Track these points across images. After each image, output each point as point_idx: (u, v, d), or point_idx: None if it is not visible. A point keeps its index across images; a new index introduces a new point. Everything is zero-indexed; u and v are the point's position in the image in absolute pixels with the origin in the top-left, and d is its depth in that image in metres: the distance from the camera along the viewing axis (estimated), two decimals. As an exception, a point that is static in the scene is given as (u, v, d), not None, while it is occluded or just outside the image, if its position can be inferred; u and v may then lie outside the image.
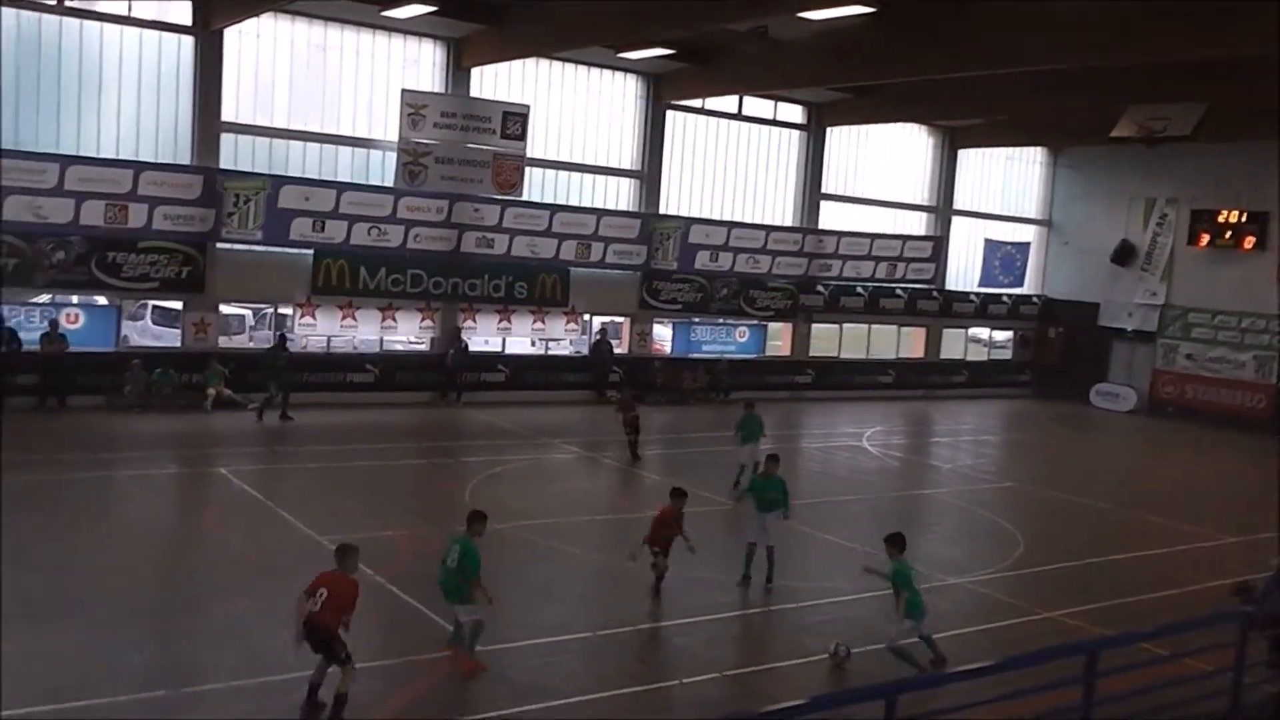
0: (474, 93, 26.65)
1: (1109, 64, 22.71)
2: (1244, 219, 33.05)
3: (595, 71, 28.64)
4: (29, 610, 10.87)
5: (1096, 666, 6.84)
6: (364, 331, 26.20)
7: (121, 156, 22.84)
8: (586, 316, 29.32)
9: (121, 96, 22.95)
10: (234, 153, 24.22)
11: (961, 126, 34.87)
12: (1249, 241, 32.99)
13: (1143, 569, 16.15)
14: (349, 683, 9.03)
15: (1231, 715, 7.65)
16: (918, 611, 11.10)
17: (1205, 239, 33.91)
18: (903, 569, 11.30)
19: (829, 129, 32.78)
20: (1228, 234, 33.45)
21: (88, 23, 22.32)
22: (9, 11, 21.42)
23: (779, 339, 33.52)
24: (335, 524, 14.60)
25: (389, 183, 25.69)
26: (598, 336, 29.32)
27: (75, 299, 23.75)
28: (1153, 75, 24.42)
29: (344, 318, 25.68)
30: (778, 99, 31.81)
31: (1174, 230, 34.79)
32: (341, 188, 25.07)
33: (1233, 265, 33.34)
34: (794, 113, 32.50)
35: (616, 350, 29.81)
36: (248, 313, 27.16)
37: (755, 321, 32.23)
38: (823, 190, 33.20)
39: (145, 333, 26.04)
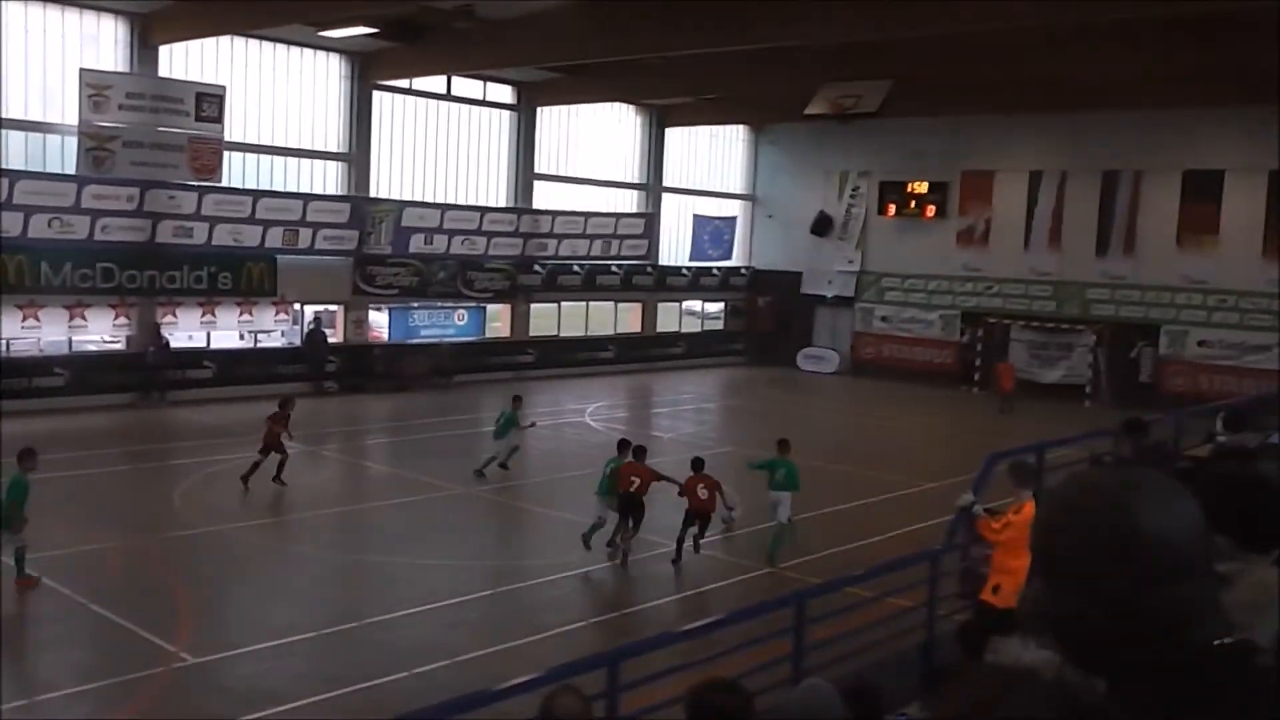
0: (163, 72, 25.17)
1: (804, 44, 23.98)
2: (927, 190, 35.73)
3: (296, 50, 27.66)
4: None
5: (805, 615, 7.30)
6: (49, 332, 24.34)
7: None
8: (298, 306, 28.38)
9: None
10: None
11: (668, 105, 35.88)
12: (930, 210, 35.71)
13: (855, 518, 17.31)
14: None
15: (928, 645, 8.36)
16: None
17: (893, 209, 36.42)
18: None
19: (539, 109, 33.02)
20: (913, 204, 36.07)
21: None
22: None
23: (499, 320, 33.57)
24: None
25: (71, 170, 23.93)
26: (311, 326, 28.48)
27: None
28: (844, 54, 25.96)
29: (25, 318, 23.75)
30: (487, 79, 31.76)
31: (866, 201, 37.16)
32: (15, 176, 23.14)
33: (919, 232, 35.96)
34: (504, 93, 32.56)
35: (331, 339, 29.05)
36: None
37: (474, 304, 32.12)
38: (536, 170, 33.45)
39: None
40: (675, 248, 38.05)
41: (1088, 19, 20.02)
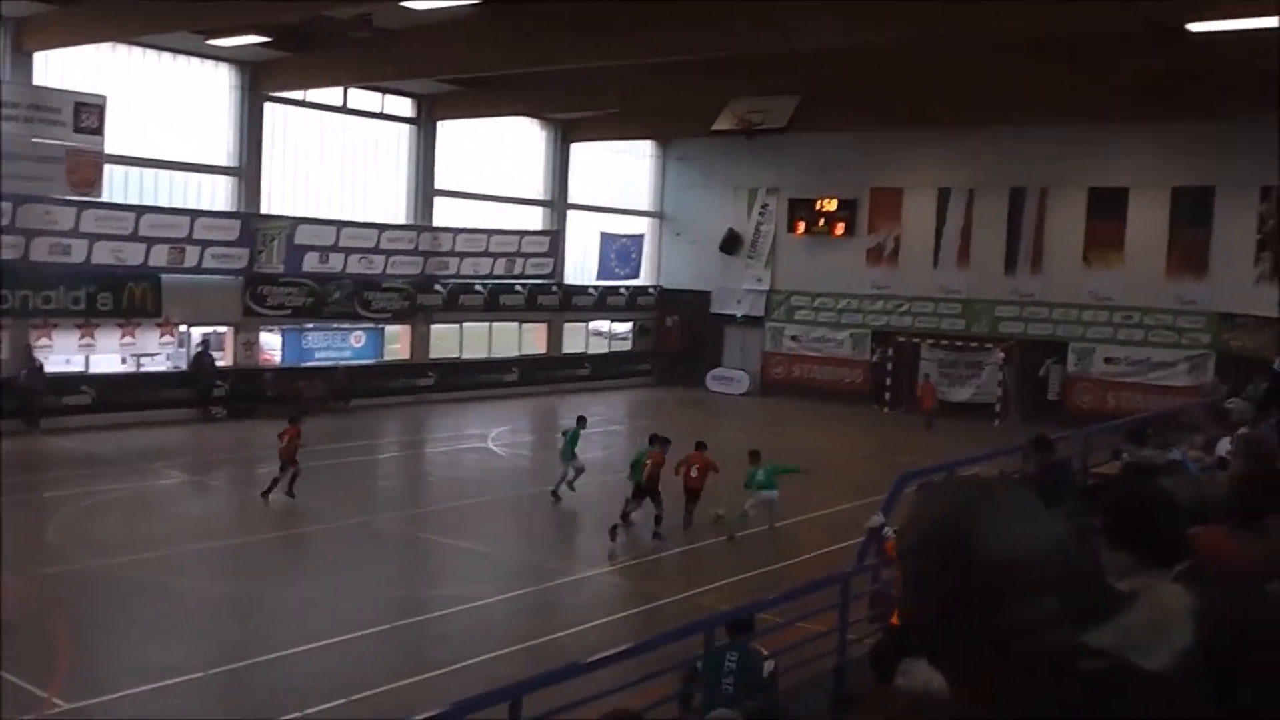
0: (38, 80, 24.47)
1: (709, 56, 24.22)
2: (836, 207, 36.27)
3: (183, 59, 27.11)
4: None
5: (715, 642, 7.30)
6: (-87, 357, 23.44)
7: None
8: (184, 328, 27.74)
9: None
10: None
11: (573, 119, 35.92)
12: (840, 228, 36.25)
13: (768, 542, 17.42)
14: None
15: (840, 670, 8.44)
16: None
17: (802, 226, 36.89)
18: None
19: (440, 122, 32.81)
20: (822, 221, 36.57)
21: None
22: None
23: (397, 342, 33.15)
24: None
25: (-64, 184, 23.10)
26: (199, 349, 27.86)
27: None
28: (751, 68, 26.23)
29: (-113, 342, 22.84)
30: (385, 91, 31.47)
31: (775, 218, 37.61)
32: (-125, 191, 22.29)
33: (828, 250, 36.43)
34: (403, 105, 32.31)
35: (221, 363, 28.45)
36: None
37: (372, 325, 31.74)
38: (436, 186, 33.21)
39: None
40: (581, 266, 38.03)
41: (978, 31, 20.49)
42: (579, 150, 37.47)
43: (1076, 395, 32.24)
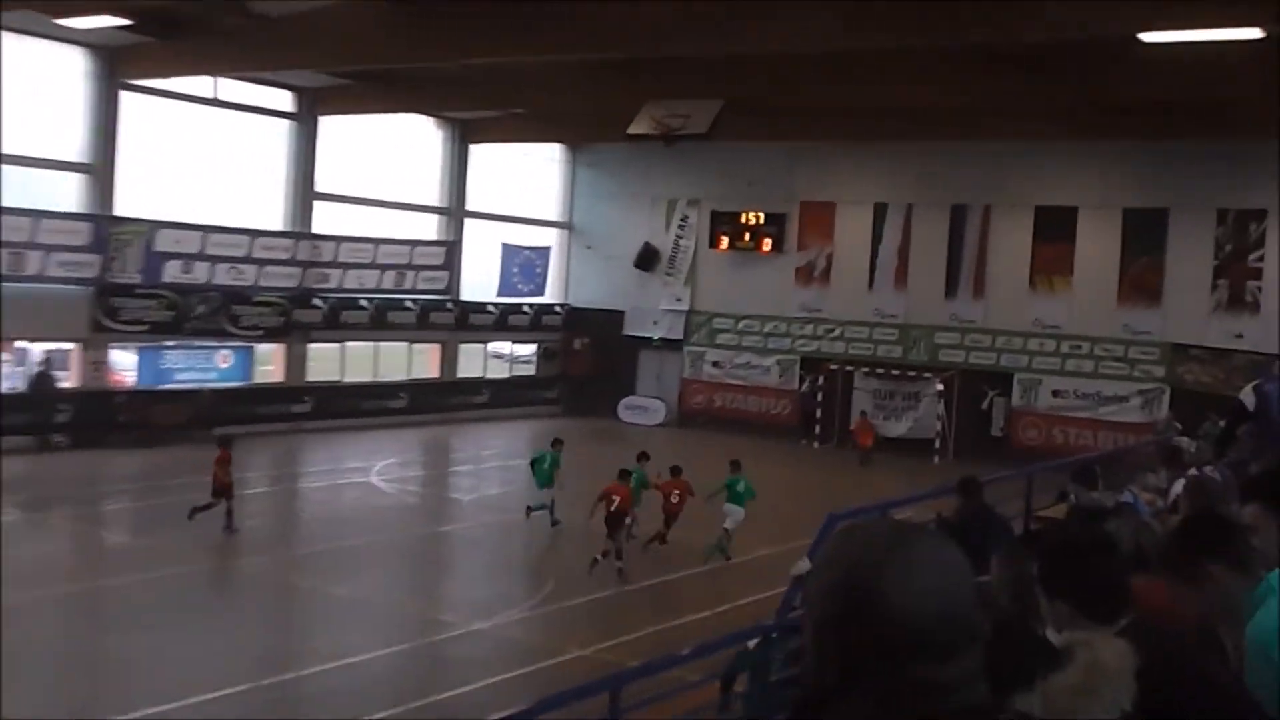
0: None
1: (623, 55, 24.36)
2: (763, 221, 36.62)
3: (29, 40, 26.52)
4: None
5: (620, 702, 7.29)
6: None
7: None
8: (22, 344, 27.07)
9: None
10: None
11: (473, 119, 35.84)
12: (766, 244, 36.57)
13: (685, 590, 17.49)
14: None
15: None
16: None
17: (726, 241, 37.16)
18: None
19: (323, 118, 32.52)
20: (747, 236, 36.87)
21: None
22: None
23: (270, 363, 32.78)
24: None
25: None
26: (39, 368, 27.20)
27: None
28: (670, 69, 26.41)
29: None
30: (262, 82, 31.11)
31: (696, 232, 37.89)
32: None
33: (754, 268, 36.77)
34: (282, 99, 31.97)
35: (64, 384, 27.80)
36: None
37: (241, 343, 31.34)
38: (317, 189, 32.90)
39: None
40: (481, 281, 37.85)
41: (915, 43, 20.92)
42: (479, 153, 37.39)
43: (1022, 430, 32.85)
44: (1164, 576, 3.83)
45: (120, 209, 28.47)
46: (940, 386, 33.75)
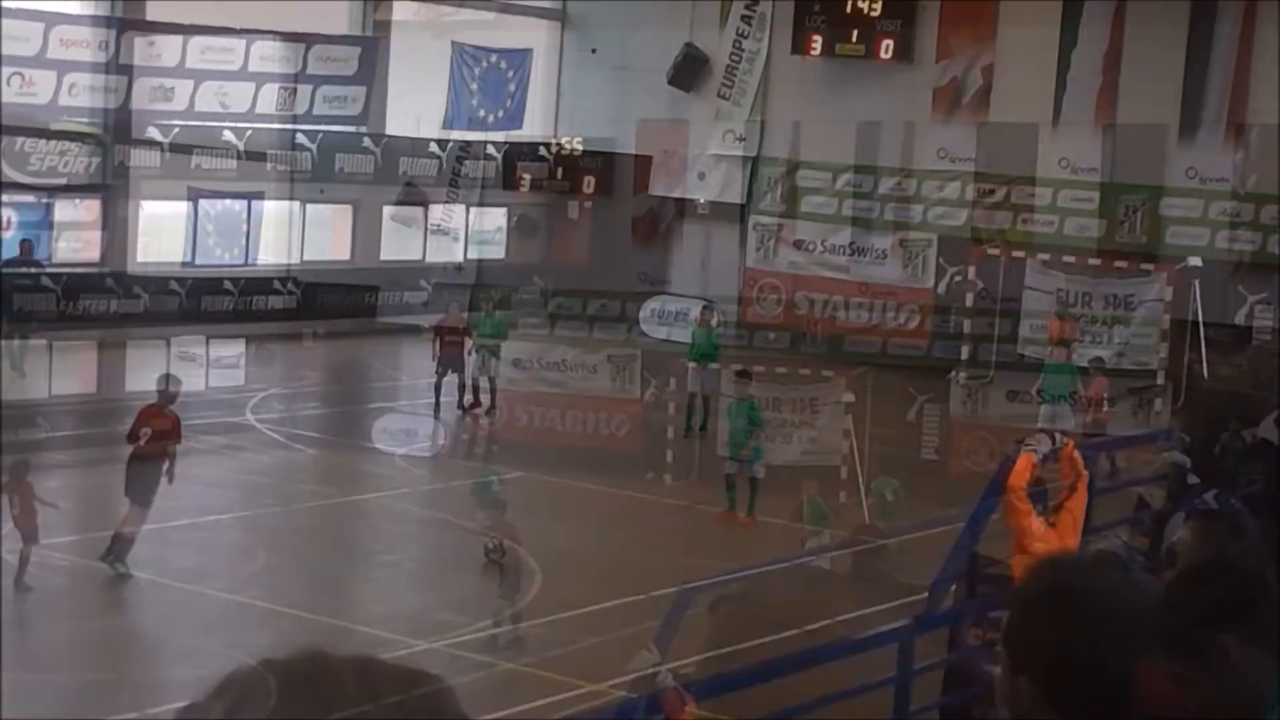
0: None
1: None
2: (880, 10, 36.29)
3: None
4: None
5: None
6: None
7: None
8: None
9: None
10: None
11: None
12: (887, 47, 36.27)
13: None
14: None
15: None
16: None
17: (819, 43, 36.86)
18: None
19: None
20: (855, 34, 36.53)
21: None
22: None
23: (78, 234, 33.26)
24: None
25: None
26: None
27: None
28: None
29: None
30: None
31: (769, 28, 37.66)
32: None
33: (865, 87, 36.51)
34: None
35: None
36: None
37: (31, 197, 31.64)
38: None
39: None
40: (418, 106, 37.43)
41: None
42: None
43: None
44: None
45: None
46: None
